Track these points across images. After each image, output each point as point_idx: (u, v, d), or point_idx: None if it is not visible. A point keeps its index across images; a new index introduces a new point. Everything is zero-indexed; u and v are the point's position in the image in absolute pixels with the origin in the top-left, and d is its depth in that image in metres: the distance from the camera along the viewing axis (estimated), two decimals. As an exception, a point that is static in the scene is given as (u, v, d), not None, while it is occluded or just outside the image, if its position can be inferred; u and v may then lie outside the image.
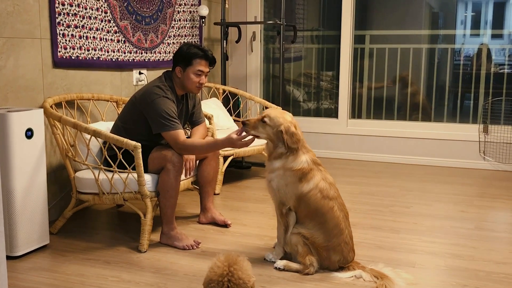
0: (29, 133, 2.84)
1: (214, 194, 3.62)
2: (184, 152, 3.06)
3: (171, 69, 3.26)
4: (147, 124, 3.10)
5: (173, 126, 3.03)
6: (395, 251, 3.01)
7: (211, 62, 3.22)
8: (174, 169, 2.98)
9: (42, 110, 2.93)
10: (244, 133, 2.84)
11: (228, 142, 2.92)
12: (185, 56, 3.15)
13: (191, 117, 3.40)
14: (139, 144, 2.92)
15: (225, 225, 3.40)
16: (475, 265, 2.83)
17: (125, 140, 2.95)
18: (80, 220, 3.55)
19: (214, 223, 3.44)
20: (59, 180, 3.52)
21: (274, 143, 2.72)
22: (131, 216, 3.63)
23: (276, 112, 2.74)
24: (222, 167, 4.17)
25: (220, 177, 4.17)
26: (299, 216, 2.72)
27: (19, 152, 2.79)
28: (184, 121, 3.36)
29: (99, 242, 3.15)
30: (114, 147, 3.00)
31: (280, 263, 2.73)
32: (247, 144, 2.88)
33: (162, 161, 2.99)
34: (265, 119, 2.71)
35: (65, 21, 3.46)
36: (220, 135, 4.17)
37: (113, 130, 3.24)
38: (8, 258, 2.83)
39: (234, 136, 2.87)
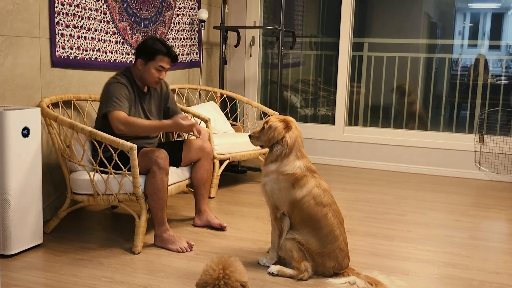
0: (25, 132, 2.83)
1: (209, 197, 3.61)
2: (129, 130, 3.04)
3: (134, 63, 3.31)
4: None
5: (116, 106, 3.05)
6: (389, 258, 3.01)
7: (173, 59, 3.27)
8: (160, 171, 2.97)
9: (39, 109, 2.93)
10: (189, 121, 3.04)
11: (174, 124, 3.04)
12: (149, 50, 3.20)
13: (168, 112, 3.45)
14: (135, 146, 2.92)
15: (220, 228, 3.39)
16: (468, 274, 2.83)
17: (121, 141, 2.94)
18: (74, 220, 3.53)
19: (209, 226, 3.43)
20: (54, 180, 3.50)
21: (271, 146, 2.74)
22: (125, 217, 3.62)
23: (273, 117, 2.78)
24: (218, 171, 4.17)
25: (216, 181, 4.17)
26: (293, 222, 2.72)
27: (15, 151, 2.78)
28: (158, 115, 3.40)
29: (92, 242, 3.13)
30: (110, 148, 2.99)
31: (274, 268, 2.73)
32: (194, 125, 3.02)
33: (148, 163, 2.99)
34: (265, 125, 2.76)
35: (64, 21, 3.46)
36: (216, 139, 4.18)
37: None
38: (1, 256, 2.82)
39: (181, 120, 3.01)
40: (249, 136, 2.85)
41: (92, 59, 3.75)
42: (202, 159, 3.39)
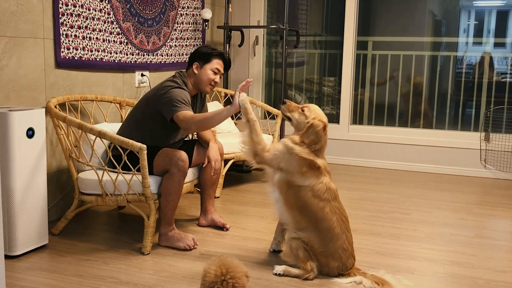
0: (30, 133, 2.83)
1: (215, 197, 3.61)
2: (197, 126, 3.02)
3: (184, 70, 3.31)
4: (160, 121, 3.11)
5: (183, 108, 3.02)
6: (395, 257, 3.01)
7: (227, 64, 3.31)
8: (179, 173, 2.97)
9: (43, 109, 2.93)
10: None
11: (234, 107, 2.92)
12: (204, 53, 3.25)
13: None
14: (144, 146, 2.91)
15: (222, 228, 3.40)
16: (474, 273, 2.82)
17: (131, 141, 2.94)
18: (80, 221, 3.54)
19: (214, 225, 3.43)
20: (59, 180, 3.51)
21: (297, 130, 2.76)
22: (131, 218, 3.63)
23: (317, 109, 2.79)
24: (223, 170, 4.17)
25: (221, 181, 4.17)
26: (287, 205, 2.70)
27: (20, 152, 2.79)
28: None
29: (98, 243, 3.14)
30: (119, 148, 2.99)
31: (280, 269, 2.72)
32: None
33: (167, 164, 2.99)
34: (305, 109, 2.77)
35: (68, 22, 3.46)
36: (220, 138, 4.18)
37: (124, 127, 3.25)
38: (7, 257, 2.82)
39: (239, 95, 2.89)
40: (284, 101, 2.83)
41: (97, 59, 3.75)
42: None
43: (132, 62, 4.15)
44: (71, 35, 3.50)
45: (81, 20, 3.58)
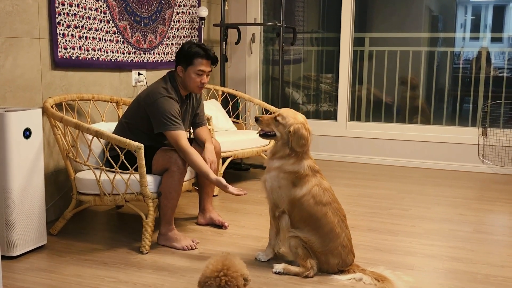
0: (27, 133, 2.83)
1: (213, 195, 3.61)
2: (181, 153, 3.03)
3: (174, 69, 3.25)
4: (151, 123, 3.10)
5: (175, 126, 3.02)
6: (394, 253, 3.01)
7: (213, 61, 3.18)
8: (179, 172, 2.97)
9: (40, 110, 2.92)
10: (235, 190, 2.93)
11: (217, 182, 2.97)
12: (186, 55, 3.13)
13: (194, 118, 3.40)
14: (142, 145, 2.91)
15: (221, 226, 3.39)
16: (473, 268, 2.82)
17: (128, 141, 2.93)
18: (78, 220, 3.53)
19: (213, 224, 3.43)
20: (56, 180, 3.51)
21: (283, 143, 2.70)
22: (130, 217, 3.62)
23: (289, 112, 2.74)
24: (221, 168, 4.17)
25: (219, 179, 4.16)
26: (293, 220, 2.70)
27: (17, 152, 2.78)
28: (189, 121, 3.35)
29: (97, 243, 3.14)
30: (117, 147, 2.99)
31: (279, 267, 2.71)
32: (234, 194, 2.95)
33: (166, 162, 2.98)
34: (278, 118, 2.71)
35: (65, 21, 3.45)
36: (218, 137, 4.18)
37: (118, 129, 3.24)
38: (5, 258, 2.82)
39: (229, 187, 2.93)
40: (256, 118, 2.76)
41: (94, 59, 3.74)
42: None
43: (129, 61, 4.14)
44: (68, 35, 3.49)
45: (78, 20, 3.56)
